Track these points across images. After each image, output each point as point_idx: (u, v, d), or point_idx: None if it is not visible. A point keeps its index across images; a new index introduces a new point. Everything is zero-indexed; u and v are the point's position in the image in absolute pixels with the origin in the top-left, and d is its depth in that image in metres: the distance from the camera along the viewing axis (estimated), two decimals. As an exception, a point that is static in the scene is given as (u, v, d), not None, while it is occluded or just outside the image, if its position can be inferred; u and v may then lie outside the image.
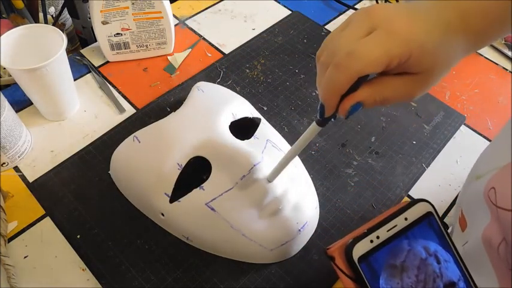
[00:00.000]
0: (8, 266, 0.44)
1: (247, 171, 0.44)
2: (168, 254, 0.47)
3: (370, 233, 0.28)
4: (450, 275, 0.30)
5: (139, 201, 0.49)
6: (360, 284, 0.28)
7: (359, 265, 0.27)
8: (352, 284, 0.28)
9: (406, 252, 0.29)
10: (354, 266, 0.27)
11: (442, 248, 0.30)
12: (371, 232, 0.28)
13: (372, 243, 0.28)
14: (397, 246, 0.29)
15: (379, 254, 0.28)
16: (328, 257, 0.29)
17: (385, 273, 0.28)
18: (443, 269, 0.30)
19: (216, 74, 0.66)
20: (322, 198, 0.53)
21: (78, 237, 0.48)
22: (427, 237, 0.30)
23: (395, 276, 0.28)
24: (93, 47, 0.68)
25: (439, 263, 0.30)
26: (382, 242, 0.28)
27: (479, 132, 0.62)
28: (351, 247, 0.28)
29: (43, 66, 0.50)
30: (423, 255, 0.29)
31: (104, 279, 0.45)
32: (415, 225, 0.30)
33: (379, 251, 0.28)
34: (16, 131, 0.51)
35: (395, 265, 0.28)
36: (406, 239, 0.29)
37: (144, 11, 0.61)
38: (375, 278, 0.27)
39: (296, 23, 0.76)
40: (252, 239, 0.45)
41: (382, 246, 0.28)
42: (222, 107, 0.50)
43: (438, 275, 0.29)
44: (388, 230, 0.29)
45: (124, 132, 0.57)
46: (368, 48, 0.28)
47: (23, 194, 0.51)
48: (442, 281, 0.29)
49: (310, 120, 0.61)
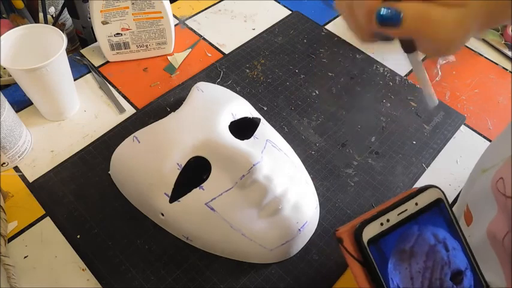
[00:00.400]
0: (8, 266, 0.44)
1: (246, 171, 0.44)
2: (168, 254, 0.47)
3: (380, 216, 0.28)
4: (458, 263, 0.29)
5: (139, 201, 0.49)
6: (368, 268, 0.27)
7: (368, 248, 0.27)
8: (360, 268, 0.27)
9: (416, 238, 0.28)
10: (362, 248, 0.27)
11: (451, 236, 0.30)
12: (381, 215, 0.28)
13: (382, 226, 0.27)
14: (407, 231, 0.28)
15: (389, 238, 0.27)
16: (337, 239, 0.29)
17: (394, 257, 0.27)
18: (451, 256, 0.29)
19: (216, 74, 0.66)
20: (322, 198, 0.53)
21: (78, 237, 0.48)
22: (436, 224, 0.30)
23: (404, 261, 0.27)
24: (93, 47, 0.68)
25: (448, 251, 0.29)
26: (392, 226, 0.28)
27: (479, 132, 0.62)
28: (361, 229, 0.27)
29: (43, 66, 0.50)
30: (432, 242, 0.29)
31: (104, 279, 0.45)
32: (425, 211, 0.29)
33: (388, 234, 0.28)
34: (16, 131, 0.51)
35: (404, 250, 0.28)
36: (416, 224, 0.29)
37: (144, 11, 0.61)
38: (383, 262, 0.27)
39: (296, 23, 0.76)
40: (252, 239, 0.45)
41: (392, 230, 0.28)
42: (221, 107, 0.50)
43: (446, 262, 0.29)
44: (398, 214, 0.28)
45: (124, 132, 0.57)
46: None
47: (23, 194, 0.51)
48: (450, 268, 0.29)
49: (310, 120, 0.61)
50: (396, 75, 0.68)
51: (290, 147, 0.54)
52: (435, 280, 0.28)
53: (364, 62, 0.70)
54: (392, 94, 0.65)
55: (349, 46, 0.72)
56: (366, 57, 0.71)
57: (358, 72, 0.68)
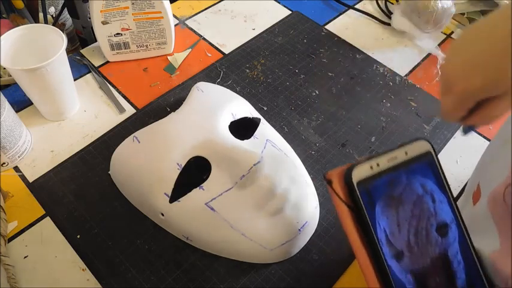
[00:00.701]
0: (8, 266, 0.44)
1: (246, 171, 0.44)
2: (168, 254, 0.47)
3: (370, 159, 0.28)
4: (444, 216, 0.30)
5: (139, 201, 0.49)
6: (355, 211, 0.27)
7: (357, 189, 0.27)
8: (347, 211, 0.27)
9: (404, 186, 0.29)
10: (352, 189, 0.27)
11: (438, 189, 0.30)
12: (372, 158, 0.28)
13: (371, 170, 0.27)
14: (396, 178, 0.28)
15: (378, 183, 0.28)
16: (326, 181, 0.29)
17: (382, 202, 0.27)
18: (437, 208, 0.29)
19: (216, 74, 0.66)
20: (322, 198, 0.53)
21: (78, 237, 0.48)
22: (425, 176, 0.30)
23: (391, 207, 0.28)
24: (93, 47, 0.68)
25: (434, 202, 0.30)
26: (382, 172, 0.28)
27: (479, 132, 0.62)
28: (351, 170, 0.27)
29: (43, 66, 0.50)
30: (420, 192, 0.29)
31: (103, 279, 0.45)
32: (415, 162, 0.30)
33: (378, 179, 0.28)
34: (16, 131, 0.51)
35: (393, 196, 0.28)
36: (405, 173, 0.29)
37: (144, 11, 0.61)
38: (371, 207, 0.27)
39: (296, 23, 0.76)
40: (252, 239, 0.45)
41: (381, 175, 0.28)
42: (221, 107, 0.50)
43: (432, 213, 0.29)
44: (388, 160, 0.29)
45: (124, 132, 0.57)
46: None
47: (23, 194, 0.51)
48: (436, 220, 0.29)
49: (310, 120, 0.61)
50: (396, 75, 0.68)
51: (290, 147, 0.54)
52: (421, 229, 0.28)
53: (364, 62, 0.70)
54: (392, 94, 0.65)
55: (349, 46, 0.72)
56: (366, 57, 0.71)
57: (358, 72, 0.68)
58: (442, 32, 0.76)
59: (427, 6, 0.69)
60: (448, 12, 0.70)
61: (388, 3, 0.80)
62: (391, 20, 0.76)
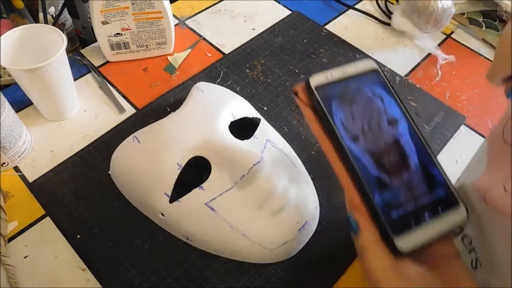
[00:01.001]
0: (8, 266, 0.44)
1: (246, 171, 0.44)
2: (168, 254, 0.47)
3: (325, 72, 0.34)
4: (393, 113, 0.34)
5: (139, 201, 0.49)
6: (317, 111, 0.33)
7: (316, 91, 0.33)
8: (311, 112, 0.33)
9: (355, 90, 0.34)
10: (311, 93, 0.33)
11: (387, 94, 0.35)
12: (326, 71, 0.34)
13: (326, 78, 0.33)
14: (348, 85, 0.34)
15: (333, 87, 0.34)
16: (293, 93, 0.35)
17: (337, 100, 0.33)
18: (386, 107, 0.34)
19: (216, 74, 0.66)
20: (322, 198, 0.53)
21: (78, 237, 0.48)
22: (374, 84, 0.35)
23: (346, 103, 0.33)
24: (93, 47, 0.68)
25: (383, 102, 0.34)
26: (335, 80, 0.34)
27: (479, 132, 0.62)
28: (309, 78, 0.33)
29: (43, 66, 0.50)
30: (369, 95, 0.34)
31: (103, 279, 0.45)
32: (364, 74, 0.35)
33: (332, 85, 0.34)
34: (16, 131, 0.51)
35: (345, 97, 0.33)
36: (355, 82, 0.34)
37: (144, 11, 0.61)
38: (328, 104, 0.33)
39: (296, 23, 0.76)
40: (252, 239, 0.45)
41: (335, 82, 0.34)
42: (221, 107, 0.50)
43: (382, 110, 0.34)
44: (340, 72, 0.34)
45: (124, 132, 0.57)
46: None
47: (23, 194, 0.51)
48: (386, 115, 0.34)
49: (310, 120, 0.61)
50: (396, 75, 0.68)
51: (290, 147, 0.54)
52: (373, 121, 0.33)
53: (364, 62, 0.70)
54: (392, 94, 0.65)
55: (349, 46, 0.72)
56: (366, 57, 0.71)
57: (358, 72, 0.68)
58: (442, 32, 0.77)
59: (427, 6, 0.69)
60: (448, 12, 0.70)
61: (388, 3, 0.80)
62: (391, 20, 0.76)
